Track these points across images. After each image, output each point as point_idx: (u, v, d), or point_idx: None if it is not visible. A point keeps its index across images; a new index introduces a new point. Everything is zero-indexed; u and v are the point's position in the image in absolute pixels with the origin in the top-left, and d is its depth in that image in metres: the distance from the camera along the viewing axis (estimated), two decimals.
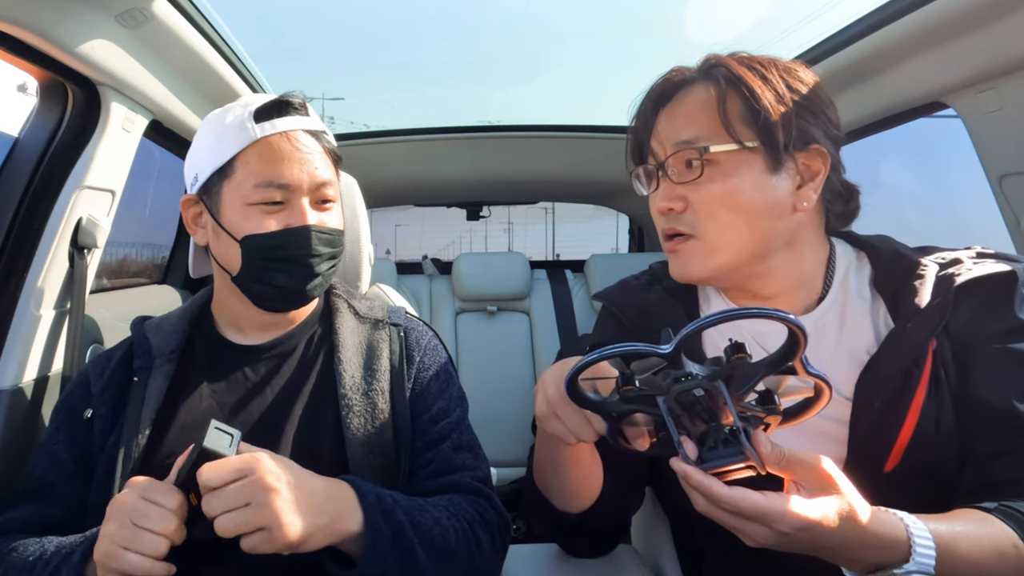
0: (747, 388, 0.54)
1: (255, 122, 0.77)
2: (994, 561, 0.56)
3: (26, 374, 0.97)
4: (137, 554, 0.59)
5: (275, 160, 0.77)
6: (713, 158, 0.69)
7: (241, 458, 0.61)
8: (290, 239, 0.77)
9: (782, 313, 0.50)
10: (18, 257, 0.98)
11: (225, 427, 0.62)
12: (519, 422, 2.05)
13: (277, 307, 0.82)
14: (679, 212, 0.73)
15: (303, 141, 0.79)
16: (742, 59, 0.73)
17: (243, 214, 0.77)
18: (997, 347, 0.66)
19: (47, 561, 0.66)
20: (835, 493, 0.52)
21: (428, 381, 0.84)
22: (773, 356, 0.54)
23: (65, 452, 0.78)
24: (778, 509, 0.50)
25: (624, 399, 0.56)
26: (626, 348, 0.54)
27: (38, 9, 0.81)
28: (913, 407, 0.65)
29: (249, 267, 0.78)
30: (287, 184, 0.77)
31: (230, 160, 0.77)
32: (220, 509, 0.59)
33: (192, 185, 0.81)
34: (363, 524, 0.66)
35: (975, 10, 0.88)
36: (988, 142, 1.03)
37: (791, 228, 0.72)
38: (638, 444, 0.59)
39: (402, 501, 0.71)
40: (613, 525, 0.85)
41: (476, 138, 2.01)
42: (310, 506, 0.62)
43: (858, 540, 0.52)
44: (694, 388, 0.52)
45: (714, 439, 0.52)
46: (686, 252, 0.73)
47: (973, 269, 0.68)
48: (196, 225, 0.83)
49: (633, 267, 0.94)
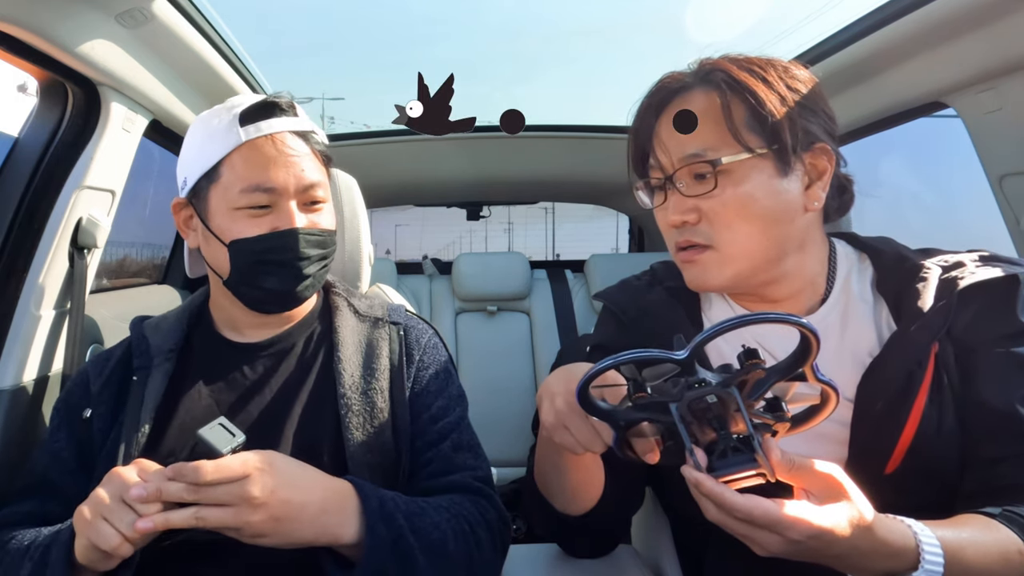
0: (758, 395, 0.54)
1: (240, 125, 0.77)
2: (1000, 567, 0.56)
3: (27, 374, 0.97)
4: (111, 527, 0.59)
5: (261, 164, 0.76)
6: (724, 168, 0.68)
7: (242, 463, 0.60)
8: (277, 242, 0.77)
9: (796, 318, 0.50)
10: (18, 257, 0.98)
11: (231, 427, 0.62)
12: (519, 422, 2.05)
13: (269, 309, 0.82)
14: (693, 224, 0.71)
15: (289, 143, 0.78)
16: (740, 62, 0.72)
17: (230, 218, 0.77)
18: (1000, 351, 0.66)
19: (40, 543, 0.67)
20: (845, 500, 0.52)
21: (428, 380, 0.84)
22: (785, 362, 0.53)
23: (66, 450, 0.78)
24: (790, 517, 0.49)
25: (636, 406, 0.55)
26: (640, 355, 0.53)
27: (38, 9, 0.81)
28: (915, 410, 0.65)
29: (238, 271, 0.78)
30: (273, 187, 0.76)
31: (216, 164, 0.77)
32: (205, 501, 0.60)
33: (182, 188, 0.81)
34: (364, 530, 0.66)
35: (975, 10, 0.87)
36: (988, 142, 1.03)
37: (803, 229, 0.71)
38: (645, 454, 0.58)
39: (403, 505, 0.70)
40: (613, 526, 0.85)
41: (476, 138, 2.00)
42: (299, 519, 0.62)
43: (868, 548, 0.52)
44: (707, 395, 0.51)
45: (724, 447, 0.51)
46: (703, 263, 0.71)
47: (976, 272, 0.68)
48: (188, 228, 0.83)
49: (633, 267, 0.94)
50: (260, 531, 0.61)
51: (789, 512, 0.50)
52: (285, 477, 0.63)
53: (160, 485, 0.60)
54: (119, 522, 0.59)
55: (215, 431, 0.61)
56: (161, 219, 1.63)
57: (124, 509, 0.60)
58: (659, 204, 0.75)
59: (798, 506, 0.50)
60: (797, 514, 0.50)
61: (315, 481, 0.66)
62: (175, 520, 0.59)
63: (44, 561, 0.65)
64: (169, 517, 0.59)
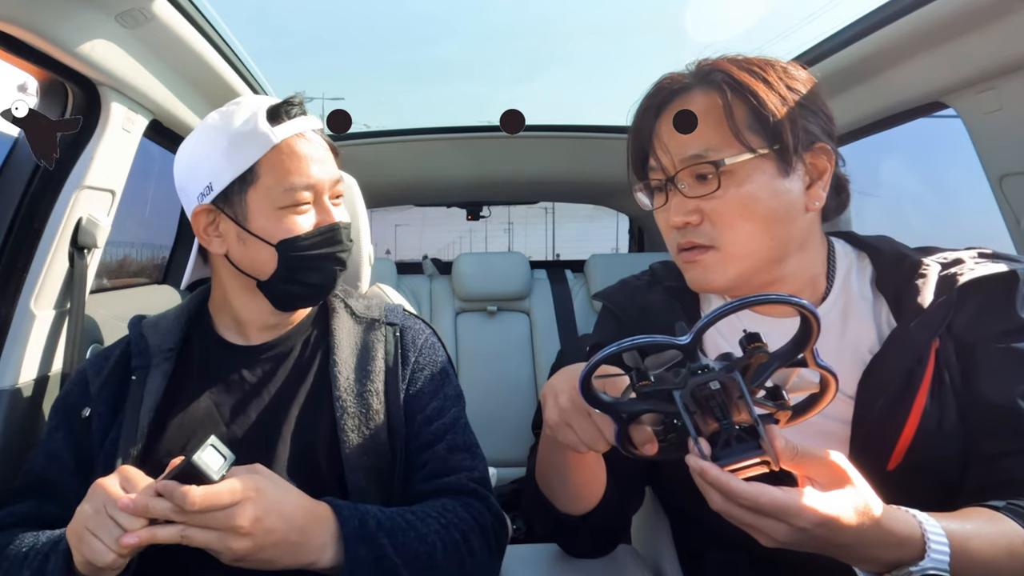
0: (760, 381, 0.54)
1: (271, 125, 0.77)
2: (1005, 558, 0.56)
3: (26, 373, 0.97)
4: (101, 542, 0.60)
5: (299, 162, 0.77)
6: (727, 169, 0.68)
7: (230, 492, 0.60)
8: (327, 237, 0.79)
9: (797, 299, 0.50)
10: (18, 257, 0.98)
11: (222, 448, 0.62)
12: (519, 422, 2.05)
13: (301, 304, 0.84)
14: (695, 225, 0.71)
15: (316, 140, 0.81)
16: (739, 63, 0.72)
17: (275, 218, 0.77)
18: (1000, 347, 0.66)
19: (39, 550, 0.67)
20: (850, 487, 0.52)
21: (423, 381, 0.84)
22: (787, 346, 0.53)
23: (64, 450, 0.78)
24: (797, 504, 0.49)
25: (640, 396, 0.55)
26: (644, 340, 0.53)
27: (38, 9, 0.81)
28: (915, 406, 0.65)
29: (286, 269, 0.78)
30: (314, 184, 0.78)
31: (252, 166, 0.77)
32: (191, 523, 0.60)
33: (204, 195, 0.78)
34: (342, 554, 0.66)
35: (975, 10, 0.87)
36: (988, 142, 1.03)
37: (804, 229, 0.71)
38: (645, 448, 0.58)
39: (386, 522, 0.70)
40: (614, 525, 0.85)
41: (476, 138, 2.01)
42: (279, 546, 0.63)
43: (874, 537, 0.52)
44: (711, 381, 0.51)
45: (727, 435, 0.51)
46: (705, 263, 0.71)
47: (975, 269, 0.68)
48: (210, 235, 0.81)
49: (633, 267, 0.94)
50: (241, 556, 0.61)
51: (796, 500, 0.49)
52: (270, 504, 0.63)
53: (147, 502, 0.60)
54: (108, 537, 0.60)
55: (207, 454, 0.60)
56: (161, 219, 1.63)
57: (111, 523, 0.60)
58: (660, 205, 0.74)
59: (805, 493, 0.50)
60: (804, 502, 0.49)
61: (297, 506, 0.66)
62: (161, 536, 0.60)
63: (43, 570, 0.65)
64: (155, 533, 0.60)
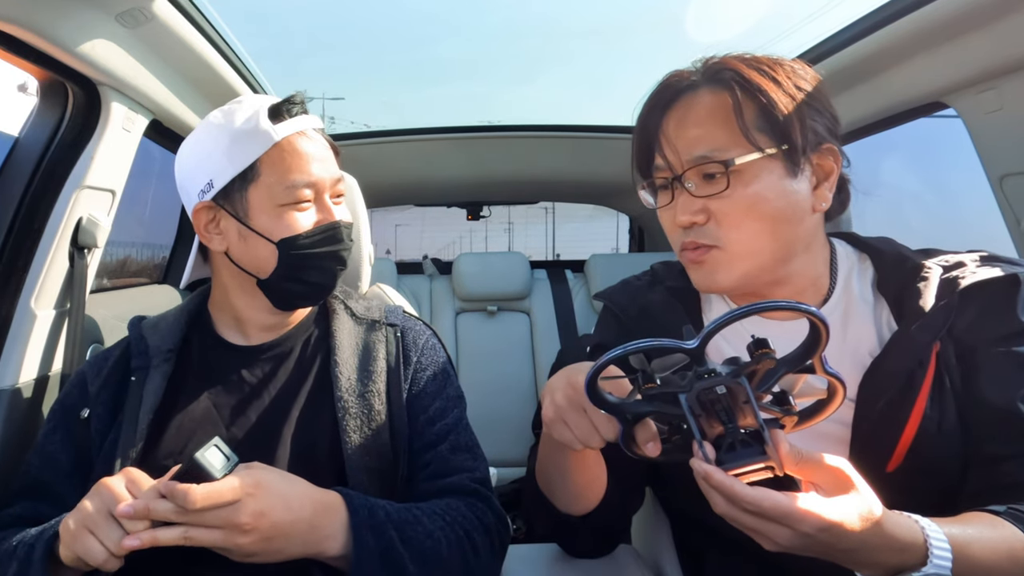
0: (767, 387, 0.53)
1: (272, 123, 0.77)
2: (1007, 563, 0.56)
3: (26, 374, 0.97)
4: (97, 541, 0.59)
5: (300, 159, 0.78)
6: (736, 169, 0.67)
7: (232, 489, 0.60)
8: (325, 236, 0.79)
9: (806, 306, 0.49)
10: (18, 257, 0.97)
11: (226, 449, 0.61)
12: (519, 422, 2.05)
13: (301, 304, 0.84)
14: (702, 224, 0.70)
15: (317, 138, 0.81)
16: (748, 61, 0.71)
17: (275, 215, 0.77)
18: (1001, 350, 0.66)
19: (27, 542, 0.67)
20: (854, 492, 0.52)
21: (425, 382, 0.84)
22: (795, 352, 0.53)
23: (61, 452, 0.78)
24: (800, 509, 0.49)
25: (645, 398, 0.55)
26: (651, 343, 0.52)
27: (38, 9, 0.81)
28: (916, 409, 0.65)
29: (287, 267, 0.78)
30: (315, 182, 0.78)
31: (253, 164, 0.77)
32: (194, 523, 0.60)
33: (205, 192, 0.79)
34: (351, 543, 0.66)
35: (975, 10, 0.87)
36: (988, 142, 1.03)
37: (810, 230, 0.71)
38: (649, 450, 0.58)
39: (394, 514, 0.70)
40: (614, 525, 0.85)
41: (476, 138, 2.01)
42: (287, 538, 0.63)
43: (876, 542, 0.52)
44: (717, 385, 0.51)
45: (732, 440, 0.51)
46: (711, 263, 0.71)
47: (977, 272, 0.68)
48: (211, 233, 0.80)
49: (633, 267, 0.94)
50: (249, 552, 0.61)
51: (800, 504, 0.49)
52: (275, 498, 0.62)
53: (149, 503, 0.59)
54: (106, 538, 0.59)
55: (210, 452, 0.60)
56: (161, 219, 1.63)
57: (112, 524, 0.60)
58: (665, 204, 0.73)
59: (808, 499, 0.50)
60: (808, 507, 0.49)
61: (305, 496, 0.66)
62: (163, 538, 0.59)
63: (28, 559, 0.65)
64: (157, 535, 0.59)
